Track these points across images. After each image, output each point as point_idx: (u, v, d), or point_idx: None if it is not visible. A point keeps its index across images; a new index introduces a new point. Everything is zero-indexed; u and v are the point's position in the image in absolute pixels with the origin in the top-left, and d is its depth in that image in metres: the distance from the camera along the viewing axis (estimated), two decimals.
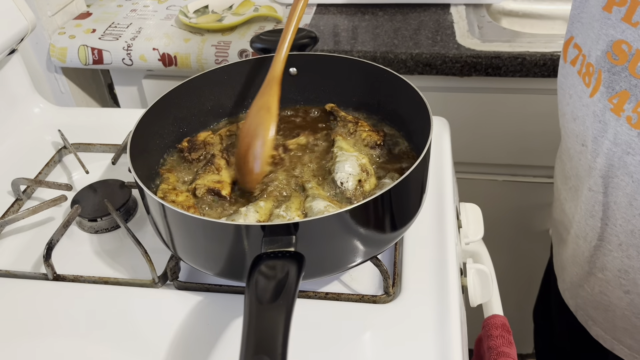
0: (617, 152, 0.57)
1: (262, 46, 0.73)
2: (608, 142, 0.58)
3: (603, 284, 0.68)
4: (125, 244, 0.66)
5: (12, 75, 0.86)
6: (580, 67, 0.60)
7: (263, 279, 0.43)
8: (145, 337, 0.56)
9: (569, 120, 0.64)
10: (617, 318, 0.69)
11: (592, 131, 0.60)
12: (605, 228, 0.63)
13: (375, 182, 0.61)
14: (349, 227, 0.50)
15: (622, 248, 0.62)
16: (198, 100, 0.70)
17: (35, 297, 0.60)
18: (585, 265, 0.69)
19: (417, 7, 1.19)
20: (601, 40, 0.56)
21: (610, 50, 0.55)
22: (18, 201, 0.73)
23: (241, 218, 0.56)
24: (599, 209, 0.63)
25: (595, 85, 0.57)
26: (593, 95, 0.58)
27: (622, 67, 0.54)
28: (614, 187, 0.60)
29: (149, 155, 0.64)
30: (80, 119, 0.89)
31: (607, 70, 0.56)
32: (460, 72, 1.02)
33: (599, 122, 0.58)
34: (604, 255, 0.65)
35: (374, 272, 0.61)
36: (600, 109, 0.57)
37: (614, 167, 0.58)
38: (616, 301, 0.67)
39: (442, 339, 0.53)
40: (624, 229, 0.61)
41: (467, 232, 0.73)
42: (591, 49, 0.58)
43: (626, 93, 0.54)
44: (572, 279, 0.74)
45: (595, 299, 0.70)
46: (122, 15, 1.24)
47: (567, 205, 0.72)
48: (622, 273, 0.64)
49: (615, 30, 0.54)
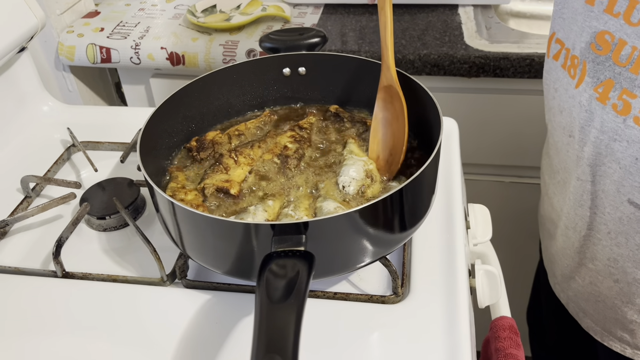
0: (604, 139, 0.59)
1: (271, 45, 0.73)
2: (595, 131, 0.59)
3: (593, 275, 0.69)
4: (134, 242, 0.66)
5: (21, 73, 0.86)
6: (564, 61, 0.63)
7: (274, 277, 0.43)
8: (153, 335, 0.56)
9: (556, 114, 0.66)
10: (608, 309, 0.69)
11: (578, 121, 0.61)
12: (594, 217, 0.65)
13: (380, 189, 0.61)
14: (358, 227, 0.50)
15: (611, 236, 0.64)
16: (207, 99, 0.70)
17: (44, 294, 0.60)
18: (576, 257, 0.70)
19: (425, 7, 1.19)
20: (585, 33, 0.58)
21: (594, 41, 0.57)
22: (27, 199, 0.73)
23: (249, 216, 0.56)
24: (588, 198, 0.64)
25: (580, 76, 0.60)
26: (579, 86, 0.60)
27: (605, 56, 0.56)
28: (602, 175, 0.61)
29: (158, 153, 0.64)
30: (89, 117, 0.89)
31: (591, 60, 0.58)
32: (468, 73, 1.01)
33: (585, 111, 0.60)
34: (594, 244, 0.67)
35: (383, 272, 0.60)
36: (586, 99, 0.59)
37: (601, 154, 0.60)
38: (606, 291, 0.68)
39: (451, 340, 0.53)
40: (612, 217, 0.62)
41: (475, 233, 0.73)
42: (575, 41, 0.60)
43: (611, 82, 0.56)
44: (562, 272, 0.75)
45: (586, 290, 0.71)
46: (130, 14, 1.24)
47: (555, 200, 0.73)
48: (612, 262, 0.65)
49: (599, 22, 0.56)
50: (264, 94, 0.73)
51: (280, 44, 0.73)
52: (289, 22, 1.17)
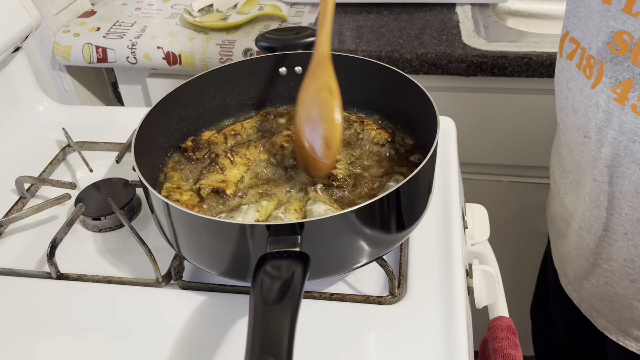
0: (622, 140, 0.58)
1: (267, 45, 0.73)
2: (613, 132, 0.58)
3: (608, 275, 0.68)
4: (129, 242, 0.66)
5: (16, 73, 0.86)
6: (579, 61, 0.62)
7: (268, 279, 0.42)
8: (148, 336, 0.55)
9: (569, 114, 0.65)
10: (623, 309, 0.69)
11: (595, 122, 0.60)
12: (611, 218, 0.64)
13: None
14: (354, 227, 0.50)
15: (628, 237, 0.63)
16: (203, 99, 0.69)
17: (38, 295, 0.60)
18: (590, 257, 0.70)
19: (422, 6, 1.19)
20: (602, 32, 0.57)
21: (611, 41, 0.56)
22: (22, 199, 0.73)
23: (240, 216, 0.56)
24: (604, 199, 0.63)
25: (597, 77, 0.59)
26: (595, 86, 0.59)
27: (624, 57, 0.55)
28: (620, 175, 0.60)
29: (153, 153, 0.64)
30: (85, 118, 0.89)
31: (609, 60, 0.57)
32: (465, 72, 1.01)
33: (602, 112, 0.59)
34: (609, 245, 0.66)
35: (379, 273, 0.60)
36: (604, 99, 0.58)
37: (619, 155, 0.59)
38: (622, 291, 0.68)
39: (448, 341, 0.53)
40: (629, 218, 0.62)
41: (473, 233, 0.73)
42: (591, 41, 0.59)
43: (630, 82, 0.55)
44: (575, 272, 0.74)
45: (601, 291, 0.71)
46: (126, 13, 1.23)
47: (567, 199, 0.72)
48: (629, 262, 0.65)
49: (616, 22, 0.55)
50: (260, 93, 0.73)
51: (277, 43, 0.72)
52: (286, 21, 1.16)
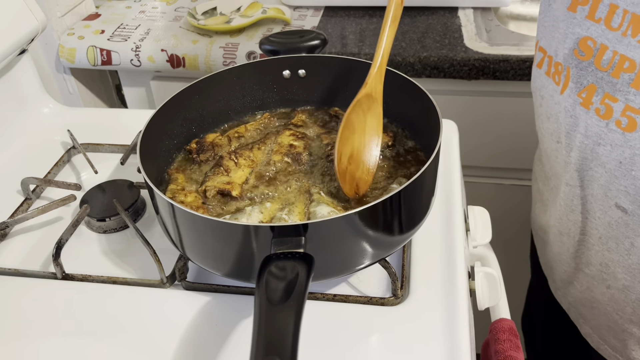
0: (589, 144, 0.59)
1: (271, 48, 0.73)
2: (580, 136, 0.60)
3: (589, 280, 0.69)
4: (134, 244, 0.66)
5: (22, 76, 0.86)
6: (547, 68, 0.64)
7: (273, 279, 0.43)
8: (153, 337, 0.56)
9: (544, 121, 0.67)
10: (601, 315, 0.69)
11: (564, 127, 0.62)
12: (586, 222, 0.65)
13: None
14: (357, 229, 0.50)
15: (602, 241, 0.64)
16: (207, 101, 0.70)
17: (43, 296, 0.60)
18: (572, 262, 0.70)
19: (425, 10, 1.19)
20: (568, 39, 0.59)
21: (577, 47, 0.58)
22: (27, 200, 0.73)
23: (244, 217, 0.56)
24: (578, 203, 0.64)
25: (565, 82, 0.60)
26: (563, 92, 0.61)
27: (588, 62, 0.57)
28: (589, 179, 0.61)
29: (158, 155, 0.65)
30: (89, 120, 0.89)
31: (574, 66, 0.58)
32: (468, 75, 1.01)
33: (570, 117, 0.60)
34: (587, 249, 0.67)
35: (382, 274, 0.61)
36: (571, 104, 0.60)
37: (587, 159, 0.60)
38: (599, 297, 0.68)
39: (450, 342, 0.53)
40: (602, 222, 0.62)
41: (475, 235, 0.73)
42: (558, 48, 0.61)
43: (593, 86, 0.57)
44: (561, 277, 0.75)
45: (584, 296, 0.71)
46: (130, 16, 1.24)
47: (550, 206, 0.73)
48: (604, 267, 0.65)
49: (581, 28, 0.57)
50: (264, 96, 0.73)
51: (280, 47, 0.73)
52: (289, 24, 1.17)
